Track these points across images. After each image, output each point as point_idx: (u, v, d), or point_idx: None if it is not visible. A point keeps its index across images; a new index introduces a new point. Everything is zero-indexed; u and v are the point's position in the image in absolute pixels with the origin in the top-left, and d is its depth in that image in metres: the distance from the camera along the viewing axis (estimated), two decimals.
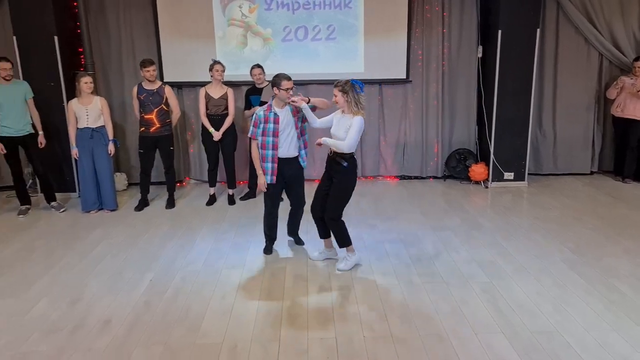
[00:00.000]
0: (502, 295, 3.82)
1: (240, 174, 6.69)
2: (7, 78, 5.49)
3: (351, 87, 4.02)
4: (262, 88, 6.02)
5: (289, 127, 4.31)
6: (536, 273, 4.18)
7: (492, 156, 6.74)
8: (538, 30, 6.38)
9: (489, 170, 6.80)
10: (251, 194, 6.37)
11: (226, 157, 6.12)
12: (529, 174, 6.94)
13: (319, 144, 4.18)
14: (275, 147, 4.30)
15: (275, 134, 4.27)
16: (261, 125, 4.28)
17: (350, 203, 4.39)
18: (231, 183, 6.23)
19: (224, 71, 5.89)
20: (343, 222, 4.28)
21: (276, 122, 4.26)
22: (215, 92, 5.92)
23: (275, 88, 4.23)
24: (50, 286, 4.08)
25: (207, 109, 5.92)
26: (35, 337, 3.36)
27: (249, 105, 6.19)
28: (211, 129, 5.89)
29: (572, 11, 6.71)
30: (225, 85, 6.05)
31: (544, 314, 3.54)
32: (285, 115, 4.30)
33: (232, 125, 6.06)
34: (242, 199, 6.30)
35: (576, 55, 6.94)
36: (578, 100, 7.06)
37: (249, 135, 4.46)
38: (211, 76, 5.87)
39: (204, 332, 3.39)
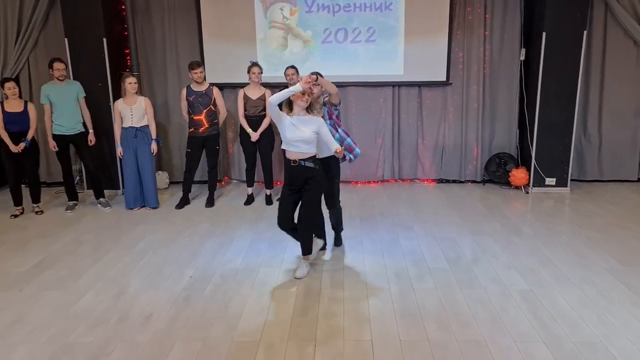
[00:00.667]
0: (543, 303, 3.73)
1: (277, 174, 6.76)
2: (60, 78, 5.72)
3: None
4: None
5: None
6: (579, 282, 4.07)
7: (533, 161, 6.60)
8: (585, 32, 6.21)
9: (530, 175, 6.66)
10: None
11: (264, 158, 6.21)
12: (571, 179, 6.77)
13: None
14: None
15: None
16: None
17: (387, 205, 4.38)
18: (268, 183, 6.31)
19: (261, 73, 5.97)
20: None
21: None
22: (254, 93, 6.01)
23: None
24: (96, 280, 4.23)
25: (245, 110, 6.02)
26: (81, 328, 3.49)
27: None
28: (249, 130, 5.98)
29: (620, 13, 6.49)
30: (265, 86, 6.13)
31: (587, 324, 3.45)
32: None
33: (270, 126, 6.13)
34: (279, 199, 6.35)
35: (625, 59, 6.71)
36: (626, 104, 6.83)
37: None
38: (249, 78, 5.96)
39: (242, 329, 3.45)
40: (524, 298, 3.82)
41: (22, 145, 5.65)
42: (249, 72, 5.94)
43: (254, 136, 5.99)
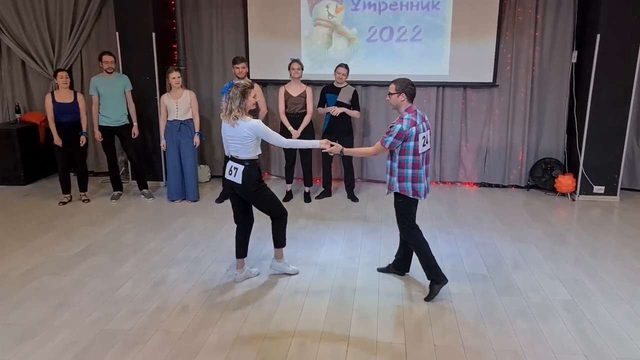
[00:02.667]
0: (586, 316, 3.59)
1: (316, 172, 6.76)
2: (109, 71, 5.90)
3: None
4: (340, 88, 6.05)
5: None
6: (626, 296, 3.89)
7: (581, 167, 6.36)
8: None
9: (577, 182, 6.42)
10: (326, 193, 6.43)
11: (303, 155, 6.22)
12: (622, 188, 6.48)
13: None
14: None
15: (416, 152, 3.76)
16: (411, 143, 3.72)
17: (426, 208, 4.30)
18: (307, 181, 6.32)
19: (301, 69, 5.97)
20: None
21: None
22: (294, 90, 6.02)
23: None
24: (137, 268, 4.34)
25: (286, 107, 6.04)
26: (120, 315, 3.59)
27: (323, 102, 6.22)
28: (290, 127, 6.00)
29: None
30: (308, 84, 6.14)
31: (633, 340, 3.29)
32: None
33: (310, 123, 6.14)
34: (317, 197, 6.37)
35: None
36: None
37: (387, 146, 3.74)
38: (290, 74, 5.98)
39: (276, 325, 3.47)
40: (566, 309, 3.68)
41: (83, 139, 5.88)
42: (289, 68, 5.96)
43: (295, 134, 6.00)
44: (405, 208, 3.87)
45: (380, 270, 4.30)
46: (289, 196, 6.33)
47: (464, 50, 6.58)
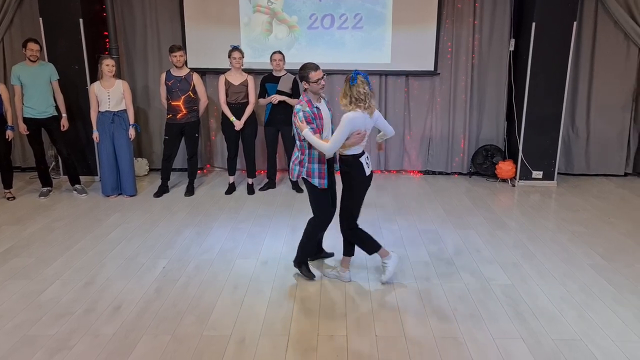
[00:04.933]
0: (524, 299, 3.64)
1: (260, 164, 6.61)
2: (32, 59, 5.51)
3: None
4: (280, 77, 5.90)
5: (328, 123, 3.77)
6: (561, 277, 3.98)
7: (520, 153, 6.50)
8: (575, 23, 6.09)
9: (516, 168, 6.57)
10: (271, 184, 6.29)
11: (247, 146, 6.05)
12: (558, 173, 6.69)
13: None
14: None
15: (317, 131, 3.62)
16: (317, 122, 3.63)
17: (370, 197, 4.25)
18: (251, 172, 6.16)
19: (242, 58, 5.79)
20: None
21: (321, 117, 3.66)
22: (235, 79, 5.83)
23: (304, 82, 3.65)
24: (65, 269, 4.07)
25: (227, 96, 5.85)
26: (45, 319, 3.34)
27: (263, 93, 6.06)
28: (232, 118, 5.82)
29: (611, 4, 6.37)
30: (249, 72, 5.96)
31: (567, 321, 3.36)
32: (324, 109, 3.75)
33: (253, 113, 5.97)
34: (261, 189, 6.22)
35: (615, 51, 6.60)
36: (614, 98, 6.74)
37: (303, 133, 3.57)
38: (230, 63, 5.78)
39: (213, 323, 3.32)
40: (504, 293, 3.72)
41: (9, 133, 5.47)
42: (229, 56, 5.75)
43: (238, 124, 5.82)
44: None
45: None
46: (231, 189, 6.15)
47: (406, 38, 6.57)
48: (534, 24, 6.09)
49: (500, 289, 3.79)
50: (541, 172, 6.53)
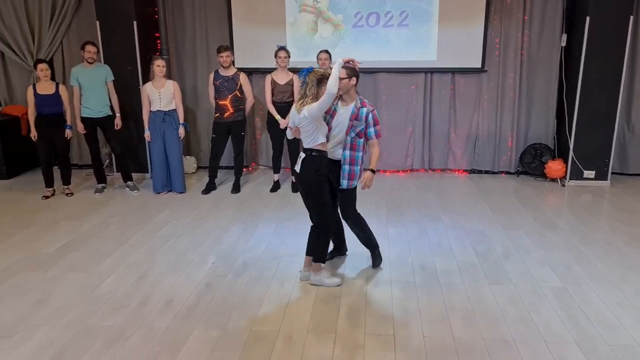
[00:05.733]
0: (577, 303, 3.54)
1: None
2: (89, 61, 5.74)
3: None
4: None
5: (340, 129, 3.74)
6: (617, 281, 3.84)
7: (571, 152, 6.30)
8: (631, 17, 5.85)
9: (567, 167, 6.37)
10: None
11: (291, 145, 6.10)
12: (612, 173, 6.44)
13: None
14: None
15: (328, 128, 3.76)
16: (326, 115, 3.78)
17: (415, 195, 4.22)
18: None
19: (288, 57, 5.85)
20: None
21: (332, 116, 3.75)
22: (281, 78, 5.90)
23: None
24: (119, 263, 4.23)
25: (272, 95, 5.92)
26: (102, 312, 3.49)
27: None
28: (277, 116, 5.89)
29: None
30: (294, 72, 6.02)
31: (625, 326, 3.24)
32: (342, 114, 3.72)
33: None
34: None
35: None
36: None
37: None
38: (276, 62, 5.86)
39: (261, 319, 3.39)
40: (557, 296, 3.63)
41: (68, 132, 5.75)
42: (275, 56, 5.83)
43: (283, 123, 5.88)
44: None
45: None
46: (276, 186, 6.23)
47: (452, 35, 6.47)
48: (588, 18, 5.88)
49: (552, 292, 3.70)
50: (593, 172, 6.31)
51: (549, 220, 5.15)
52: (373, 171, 3.78)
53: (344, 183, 3.81)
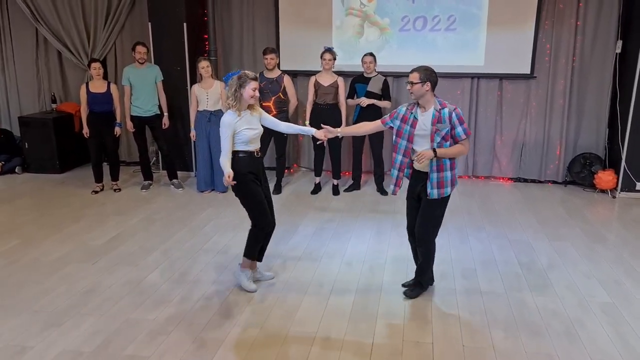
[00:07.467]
0: (626, 319, 3.41)
1: (346, 165, 6.66)
2: (140, 61, 5.93)
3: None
4: (370, 78, 5.92)
5: (424, 137, 3.49)
6: None
7: (623, 163, 6.06)
8: None
9: (618, 178, 6.13)
10: (355, 186, 6.33)
11: (333, 147, 6.12)
12: None
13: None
14: (407, 154, 3.57)
15: (410, 139, 3.54)
16: (396, 122, 3.60)
17: (458, 203, 4.16)
18: (336, 173, 6.23)
19: (333, 59, 5.87)
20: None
21: (413, 125, 3.52)
22: (325, 80, 5.93)
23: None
24: (164, 258, 4.35)
25: (315, 97, 5.96)
26: (145, 305, 3.59)
27: (352, 93, 6.10)
28: (307, 122, 5.91)
29: None
30: (340, 74, 6.03)
31: None
32: (423, 121, 3.49)
33: (341, 115, 6.02)
34: (346, 190, 6.28)
35: None
36: None
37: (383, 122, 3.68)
38: (321, 64, 5.89)
39: (300, 320, 3.41)
40: (605, 312, 3.50)
41: (117, 130, 5.97)
42: (321, 57, 5.87)
43: (316, 133, 5.87)
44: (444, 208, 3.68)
45: (405, 285, 3.86)
46: (317, 189, 6.26)
47: (501, 40, 6.34)
48: None
49: (600, 307, 3.57)
50: None
51: (597, 232, 4.98)
52: (435, 154, 3.43)
53: (433, 193, 3.52)
